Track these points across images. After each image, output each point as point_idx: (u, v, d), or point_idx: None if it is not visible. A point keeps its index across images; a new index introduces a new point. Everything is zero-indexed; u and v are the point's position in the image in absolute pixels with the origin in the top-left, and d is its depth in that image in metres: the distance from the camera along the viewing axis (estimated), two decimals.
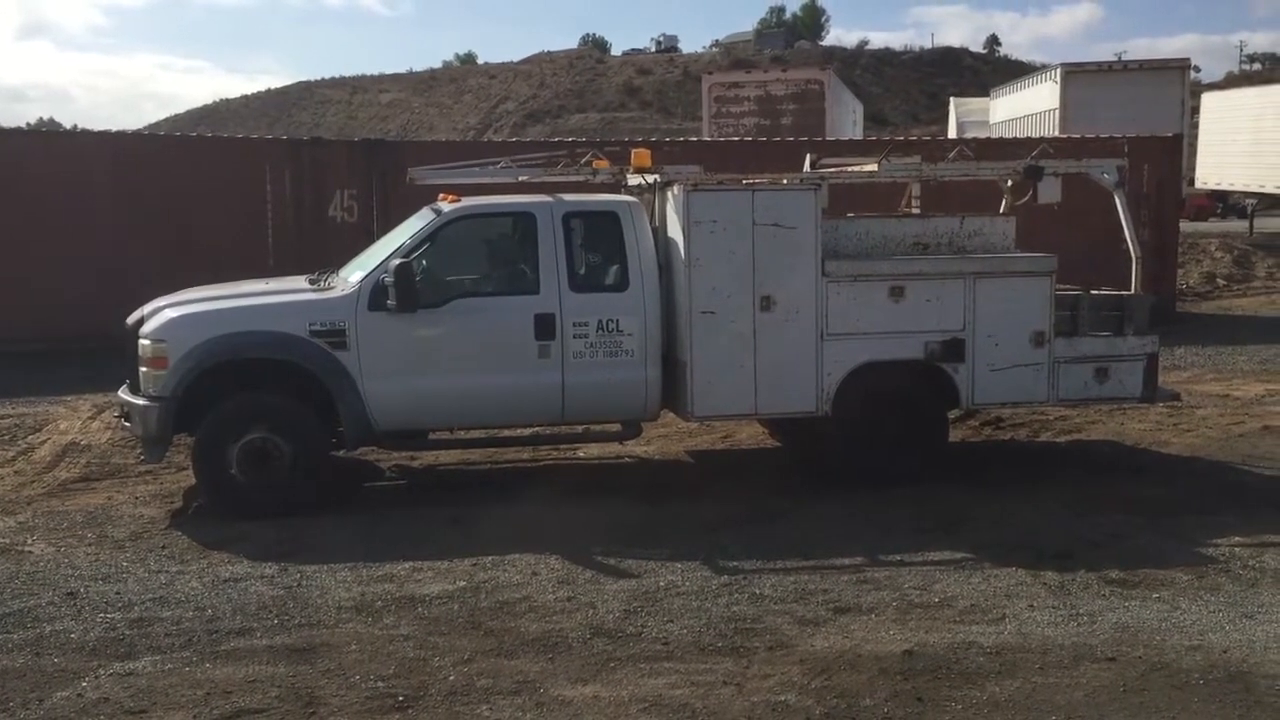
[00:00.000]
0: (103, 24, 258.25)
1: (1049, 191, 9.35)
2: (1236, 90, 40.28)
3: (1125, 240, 9.26)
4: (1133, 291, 9.19)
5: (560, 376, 8.30)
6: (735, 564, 6.96)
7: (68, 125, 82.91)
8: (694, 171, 8.94)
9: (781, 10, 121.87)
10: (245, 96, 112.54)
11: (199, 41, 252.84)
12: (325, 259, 17.09)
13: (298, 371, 8.09)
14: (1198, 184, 37.20)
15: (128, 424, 8.40)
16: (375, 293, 8.09)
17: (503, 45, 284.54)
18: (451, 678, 5.43)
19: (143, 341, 8.12)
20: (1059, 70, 30.55)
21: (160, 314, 8.26)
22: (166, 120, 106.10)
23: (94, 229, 15.81)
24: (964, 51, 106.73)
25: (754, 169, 10.38)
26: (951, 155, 9.93)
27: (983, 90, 48.84)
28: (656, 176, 8.84)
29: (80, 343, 14.91)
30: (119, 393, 8.55)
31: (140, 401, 8.10)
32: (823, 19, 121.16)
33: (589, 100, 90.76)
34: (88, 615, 6.24)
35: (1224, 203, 40.11)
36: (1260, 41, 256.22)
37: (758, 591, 6.51)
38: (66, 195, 15.82)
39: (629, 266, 8.43)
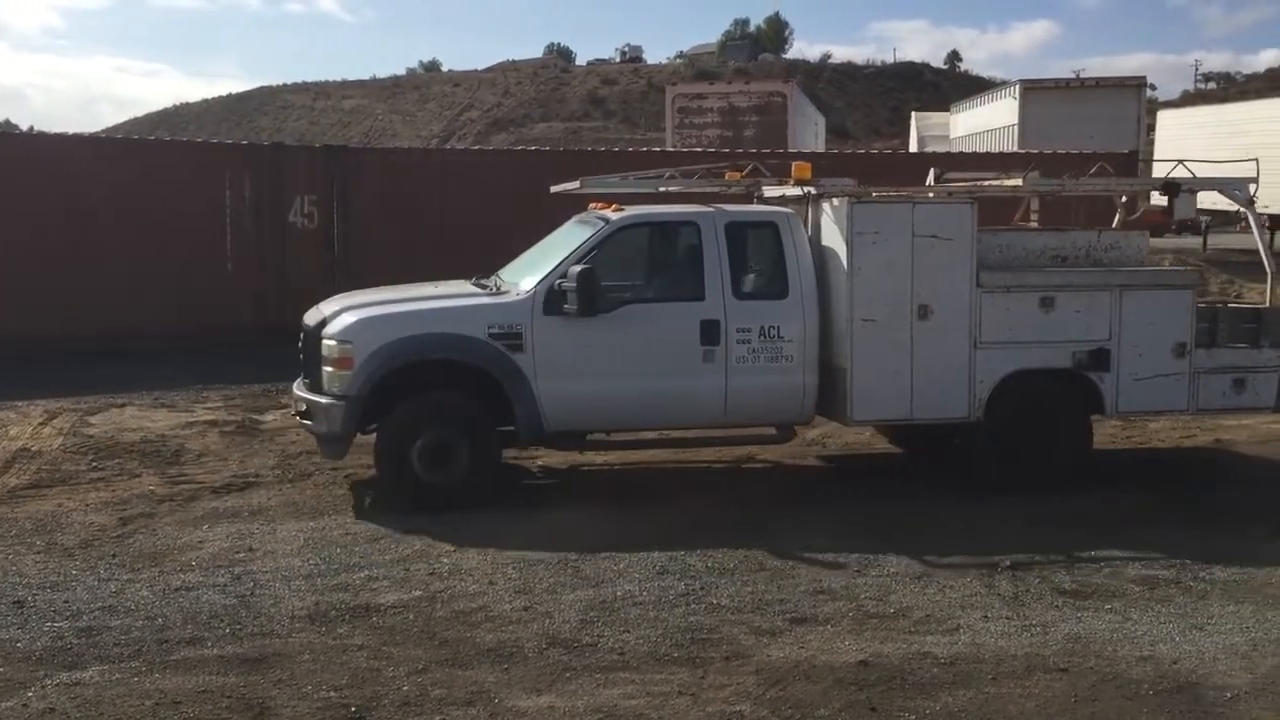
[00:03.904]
0: (58, 25, 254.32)
1: (1185, 207, 9.69)
2: (1192, 108, 40.91)
3: (1259, 256, 9.56)
4: (1269, 304, 9.46)
5: (724, 380, 8.53)
6: (694, 574, 6.96)
7: (23, 127, 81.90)
8: (848, 184, 9.14)
9: (746, 23, 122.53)
10: (205, 101, 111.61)
11: (157, 44, 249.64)
12: (285, 264, 17.15)
13: (475, 372, 8.31)
14: (1153, 200, 37.69)
15: (308, 421, 8.60)
16: (550, 297, 8.30)
17: (467, 53, 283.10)
18: (405, 688, 5.39)
19: (327, 342, 8.32)
20: (1018, 87, 30.90)
21: (343, 316, 8.46)
22: (124, 123, 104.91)
23: (47, 232, 15.56)
24: (925, 66, 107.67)
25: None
26: (1093, 171, 10.16)
27: (944, 105, 49.28)
28: (811, 188, 9.02)
29: (31, 346, 14.73)
30: (294, 389, 8.83)
31: (324, 400, 8.31)
32: (786, 32, 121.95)
33: (553, 109, 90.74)
34: (35, 624, 6.13)
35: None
36: (1215, 61, 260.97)
37: (715, 601, 6.51)
38: (18, 198, 15.55)
39: (788, 275, 8.67)
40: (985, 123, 34.17)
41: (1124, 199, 10.16)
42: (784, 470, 9.92)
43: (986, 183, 10.38)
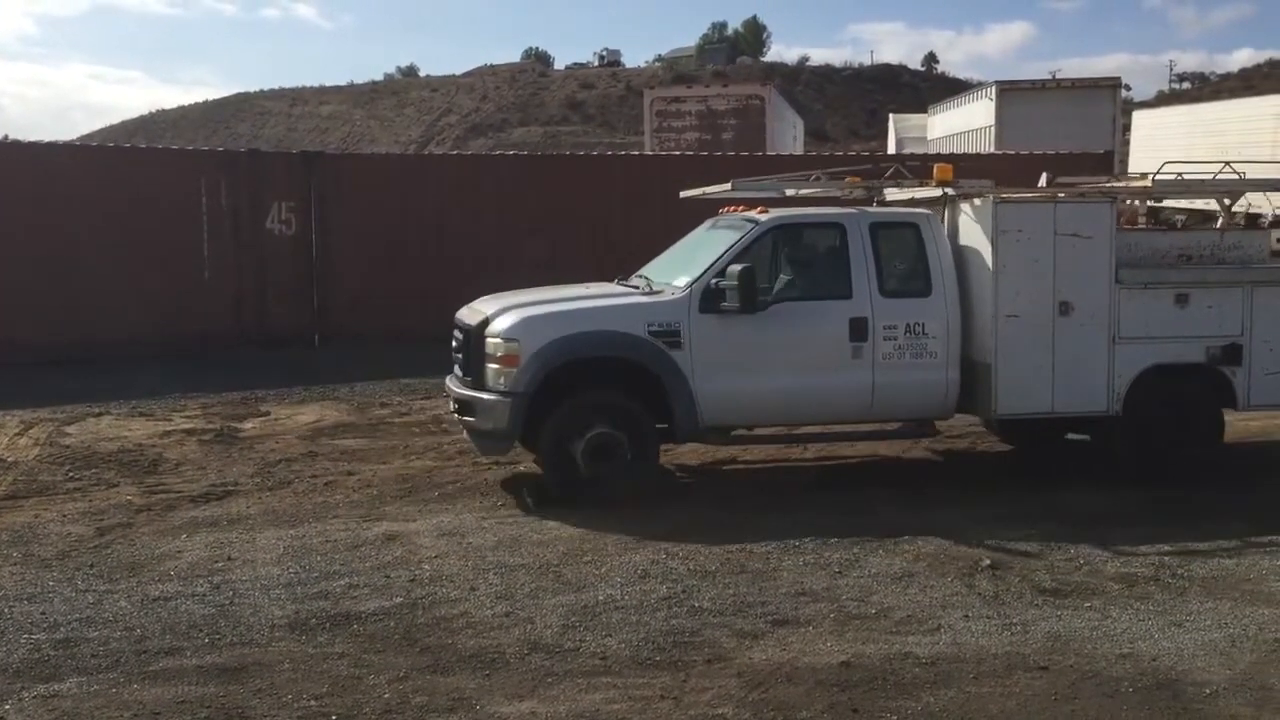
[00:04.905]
0: (33, 33, 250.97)
1: None
2: (1166, 109, 41.17)
3: None
4: None
5: (871, 377, 8.80)
6: (675, 577, 6.95)
7: None
8: (987, 185, 9.28)
9: (723, 26, 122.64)
10: (182, 107, 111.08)
11: (132, 52, 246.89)
12: (262, 271, 17.08)
13: (635, 369, 8.51)
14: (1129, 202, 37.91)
15: (469, 418, 8.74)
16: (706, 296, 8.54)
17: (445, 58, 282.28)
18: (386, 695, 5.36)
19: (493, 340, 8.53)
20: (994, 88, 31.05)
21: (507, 315, 8.63)
22: (100, 131, 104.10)
23: (23, 240, 15.45)
24: (902, 69, 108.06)
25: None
26: (1219, 172, 10.21)
27: (921, 107, 49.51)
28: (950, 189, 9.22)
29: (7, 353, 14.61)
30: (449, 386, 9.10)
31: (489, 397, 8.50)
32: (764, 35, 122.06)
33: (532, 114, 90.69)
34: (11, 636, 6.07)
35: (1155, 218, 40.96)
36: (1189, 61, 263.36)
37: (697, 604, 6.51)
38: None
39: (931, 273, 8.96)
40: (962, 124, 34.33)
41: (1227, 201, 10.22)
42: (770, 472, 9.94)
43: (1109, 184, 10.53)
